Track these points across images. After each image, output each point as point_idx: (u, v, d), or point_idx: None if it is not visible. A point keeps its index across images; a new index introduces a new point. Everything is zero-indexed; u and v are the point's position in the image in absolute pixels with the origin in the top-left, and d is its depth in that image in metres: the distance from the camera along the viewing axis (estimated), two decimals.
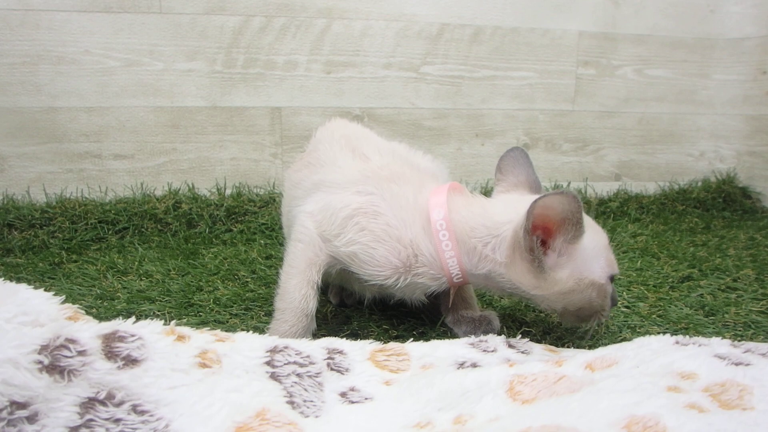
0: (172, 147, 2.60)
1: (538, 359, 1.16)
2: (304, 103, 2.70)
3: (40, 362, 0.78)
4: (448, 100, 2.88)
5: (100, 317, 1.54)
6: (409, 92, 2.82)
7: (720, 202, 3.08)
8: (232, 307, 1.66)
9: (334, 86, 2.72)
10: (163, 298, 1.71)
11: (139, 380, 0.84)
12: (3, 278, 1.77)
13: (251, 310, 1.65)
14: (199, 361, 0.92)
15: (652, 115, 3.13)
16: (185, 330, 0.97)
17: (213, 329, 1.04)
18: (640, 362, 0.95)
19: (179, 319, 1.55)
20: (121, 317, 1.51)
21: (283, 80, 2.66)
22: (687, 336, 1.08)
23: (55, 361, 0.80)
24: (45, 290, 1.69)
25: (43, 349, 0.80)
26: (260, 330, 1.50)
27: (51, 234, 2.26)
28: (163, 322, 0.96)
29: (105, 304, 1.66)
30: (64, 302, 0.98)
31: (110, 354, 0.84)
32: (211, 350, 0.95)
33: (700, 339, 1.07)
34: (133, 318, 0.94)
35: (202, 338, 0.97)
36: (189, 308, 1.65)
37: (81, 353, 0.82)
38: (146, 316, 1.54)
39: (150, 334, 0.90)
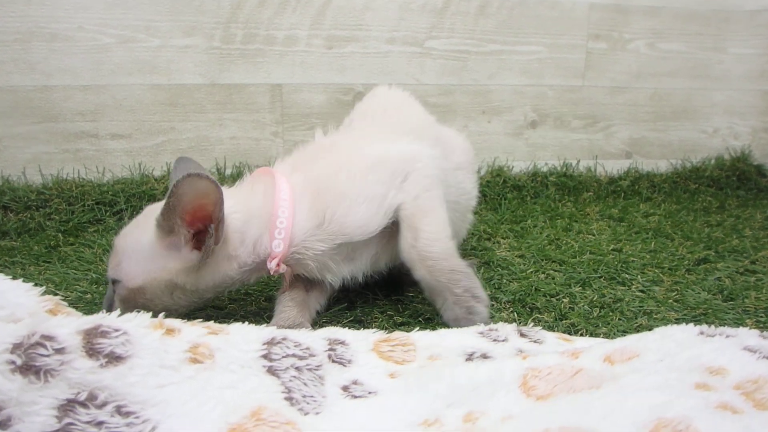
0: (170, 126, 2.54)
1: (551, 350, 1.10)
2: (305, 80, 2.63)
3: (13, 362, 0.72)
4: (454, 76, 2.80)
5: (95, 303, 1.51)
6: (413, 68, 2.75)
7: (734, 181, 3.01)
8: (230, 292, 1.60)
9: (335, 62, 2.65)
10: None
11: (124, 379, 0.78)
12: None
13: (250, 295, 1.61)
14: (190, 356, 0.86)
15: (664, 90, 3.06)
16: (175, 323, 0.91)
17: (207, 321, 0.99)
18: (664, 355, 0.89)
19: None
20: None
21: (284, 56, 2.59)
22: (711, 326, 1.02)
23: (30, 361, 0.73)
24: (40, 275, 1.68)
25: (16, 347, 0.74)
26: (260, 316, 1.46)
27: (47, 216, 2.21)
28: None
29: (100, 289, 1.61)
30: (65, 298, 0.92)
31: (91, 351, 0.78)
32: (203, 344, 0.89)
33: (727, 329, 1.01)
34: (118, 311, 0.88)
35: (194, 331, 0.91)
36: None
37: (59, 351, 0.76)
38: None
39: (136, 328, 0.84)
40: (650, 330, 1.32)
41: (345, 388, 0.97)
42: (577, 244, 1.99)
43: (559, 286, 1.61)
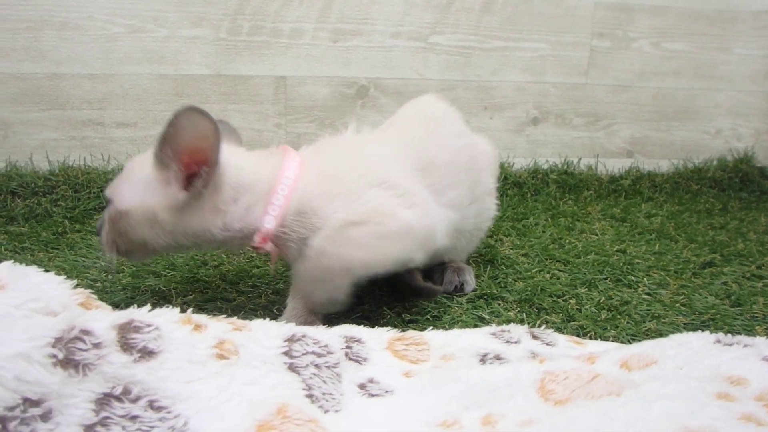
0: None
1: (564, 353, 1.12)
2: (310, 73, 2.64)
3: (54, 356, 0.74)
4: (457, 71, 2.81)
5: (106, 291, 1.53)
6: (417, 63, 2.76)
7: (737, 183, 3.01)
8: (239, 284, 1.63)
9: (340, 55, 2.66)
10: (168, 273, 1.68)
11: (156, 373, 0.80)
12: (6, 247, 1.78)
13: (258, 287, 1.62)
14: (217, 352, 0.88)
15: (667, 90, 3.06)
16: (202, 318, 0.93)
17: (216, 312, 1.01)
18: (683, 363, 0.90)
19: (185, 296, 1.53)
20: (126, 291, 1.52)
21: (289, 48, 2.59)
22: (728, 334, 1.03)
23: (70, 355, 0.75)
24: (50, 261, 1.70)
25: (57, 341, 0.75)
26: (269, 310, 1.48)
27: (54, 202, 2.22)
28: (172, 306, 0.92)
29: (110, 277, 1.63)
30: (75, 286, 0.94)
31: (126, 346, 0.80)
32: (229, 340, 0.91)
33: (744, 338, 1.02)
34: (149, 305, 0.90)
35: (219, 327, 0.93)
36: (195, 284, 1.62)
37: (96, 346, 0.77)
38: (152, 292, 1.53)
39: (166, 323, 0.86)
40: (659, 334, 1.36)
41: (361, 386, 0.98)
42: (581, 243, 2.01)
43: (564, 287, 1.62)
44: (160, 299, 1.52)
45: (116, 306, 1.42)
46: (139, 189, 1.30)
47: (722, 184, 2.99)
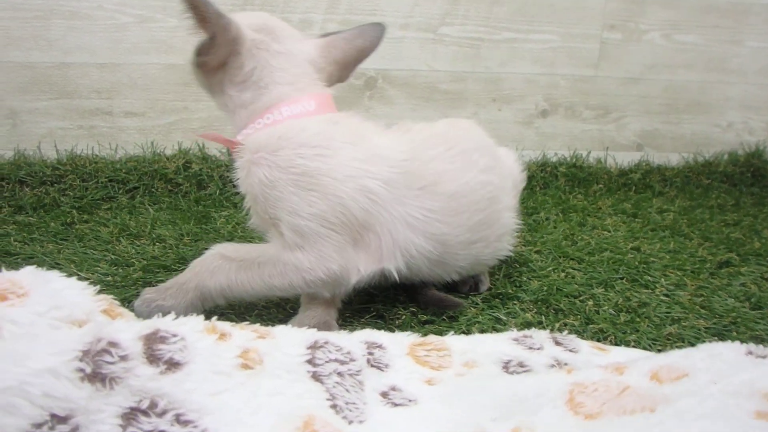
0: (183, 105, 2.54)
1: (587, 359, 1.11)
2: None
3: (82, 370, 0.73)
4: (466, 63, 2.79)
5: (117, 286, 1.52)
6: (426, 54, 2.74)
7: (748, 177, 3.00)
8: None
9: None
10: (179, 267, 1.67)
11: (182, 386, 0.78)
12: (15, 238, 1.77)
13: None
14: (241, 362, 0.86)
15: (678, 82, 3.04)
16: (226, 326, 0.91)
17: (242, 314, 1.00)
18: (716, 377, 0.88)
19: None
20: (137, 286, 1.51)
21: None
22: (759, 345, 1.01)
23: (97, 368, 0.74)
24: (59, 253, 1.69)
25: (85, 355, 0.74)
26: (282, 308, 1.47)
27: (62, 192, 2.22)
28: None
29: (120, 271, 1.62)
30: (88, 282, 0.92)
31: (152, 357, 0.78)
32: (253, 349, 0.89)
33: None
34: (172, 314, 0.88)
35: (243, 335, 0.91)
36: None
37: (123, 358, 0.76)
38: None
39: (191, 332, 0.85)
40: (680, 339, 1.35)
41: (384, 395, 0.97)
42: (594, 240, 1.99)
43: (580, 287, 1.61)
44: None
45: (128, 302, 1.43)
46: None
47: (734, 179, 2.97)
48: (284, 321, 1.36)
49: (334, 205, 1.24)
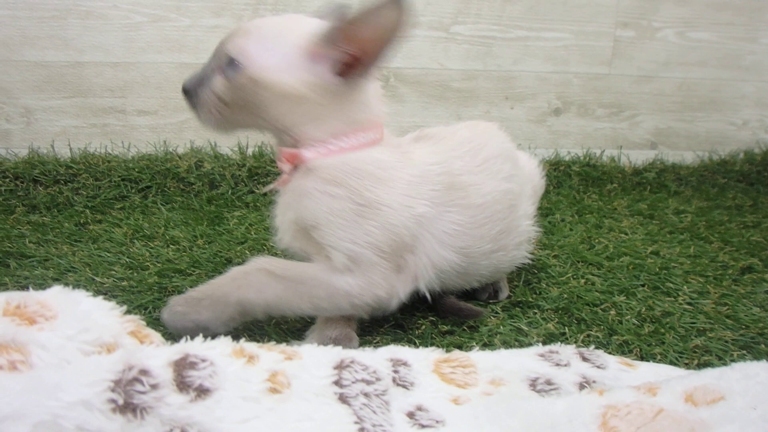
0: None
1: (615, 376, 1.10)
2: None
3: (114, 401, 0.72)
4: (479, 61, 2.78)
5: (132, 291, 1.52)
6: (438, 52, 2.73)
7: (765, 176, 2.97)
8: None
9: None
10: (194, 271, 1.66)
11: (212, 413, 0.77)
12: (30, 239, 1.77)
13: None
14: (270, 386, 0.85)
15: (692, 80, 3.03)
16: (254, 348, 0.90)
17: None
18: (754, 401, 0.86)
19: None
20: (153, 292, 1.50)
21: None
22: None
23: (129, 399, 0.73)
24: (73, 255, 1.69)
25: (117, 385, 0.73)
26: (301, 318, 1.44)
27: (75, 191, 2.22)
28: None
29: (136, 275, 1.61)
30: (102, 286, 0.92)
31: (182, 385, 0.78)
32: (281, 371, 0.88)
33: None
34: (200, 337, 0.88)
35: (271, 357, 0.90)
36: None
37: (154, 387, 0.75)
38: (178, 292, 1.49)
39: (220, 357, 0.84)
40: (707, 351, 1.33)
41: (410, 415, 0.95)
42: (612, 244, 1.98)
43: (601, 294, 1.59)
44: None
45: (144, 308, 1.43)
46: (284, 59, 1.23)
47: (750, 178, 2.95)
48: (303, 330, 1.37)
49: (390, 233, 1.23)
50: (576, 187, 2.69)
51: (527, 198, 1.59)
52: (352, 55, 1.20)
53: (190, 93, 1.31)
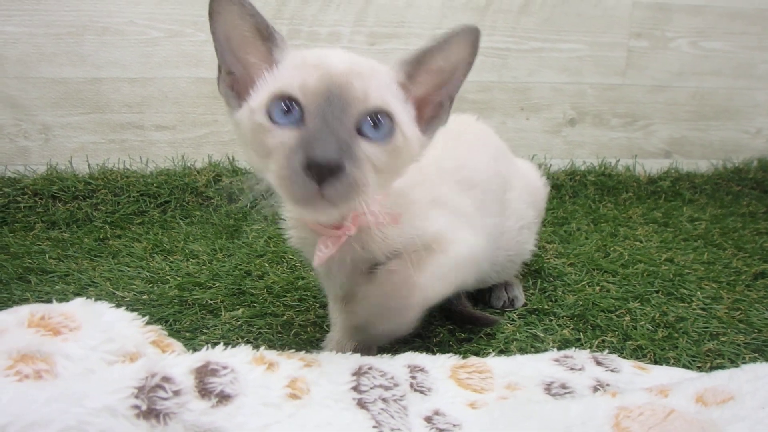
0: (213, 119, 2.56)
1: (629, 379, 1.11)
2: None
3: (137, 407, 0.74)
4: (494, 73, 2.80)
5: (153, 305, 1.54)
6: None
7: None
8: (286, 297, 1.63)
9: (377, 58, 2.62)
10: (213, 284, 1.68)
11: (233, 419, 0.79)
12: (50, 255, 1.79)
13: (305, 300, 1.62)
14: (289, 392, 0.87)
15: (706, 89, 3.03)
16: (273, 356, 0.92)
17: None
18: (764, 401, 0.88)
19: (233, 310, 1.53)
20: (173, 305, 1.52)
21: None
22: None
23: (152, 405, 0.75)
24: (93, 270, 1.71)
25: (140, 392, 0.75)
26: (318, 326, 1.48)
27: (94, 206, 2.25)
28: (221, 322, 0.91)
29: (156, 289, 1.64)
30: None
31: (204, 391, 0.79)
32: (300, 378, 0.90)
33: None
34: (221, 345, 0.89)
35: (291, 365, 0.92)
36: (241, 297, 1.62)
37: (176, 393, 0.77)
38: (199, 305, 1.52)
39: (241, 364, 0.86)
40: (720, 355, 1.34)
41: (428, 419, 0.97)
42: (626, 252, 1.99)
43: (616, 301, 1.61)
44: (207, 313, 1.52)
45: (165, 321, 1.45)
46: (404, 108, 1.08)
47: (764, 185, 2.94)
48: (321, 339, 1.38)
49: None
50: (591, 196, 2.69)
51: (521, 190, 1.59)
52: (421, 99, 1.11)
53: (338, 168, 0.93)
